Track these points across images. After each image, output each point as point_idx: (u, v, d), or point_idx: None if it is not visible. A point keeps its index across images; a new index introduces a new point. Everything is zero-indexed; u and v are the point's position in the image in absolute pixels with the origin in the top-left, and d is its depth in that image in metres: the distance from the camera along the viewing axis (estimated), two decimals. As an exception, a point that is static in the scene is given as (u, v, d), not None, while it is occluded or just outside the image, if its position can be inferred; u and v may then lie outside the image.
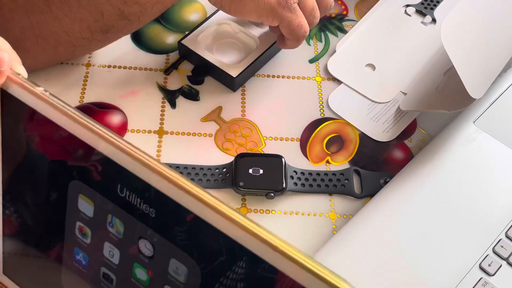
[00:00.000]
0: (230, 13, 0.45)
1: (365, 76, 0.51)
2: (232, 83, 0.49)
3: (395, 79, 0.51)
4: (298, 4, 0.45)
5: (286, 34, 0.46)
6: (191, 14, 0.54)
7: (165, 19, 0.54)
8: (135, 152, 0.25)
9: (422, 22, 0.55)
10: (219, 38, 0.51)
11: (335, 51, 0.52)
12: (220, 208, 0.23)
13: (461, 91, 0.40)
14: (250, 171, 0.43)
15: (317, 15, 0.46)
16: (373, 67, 0.52)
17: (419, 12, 0.56)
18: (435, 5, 0.56)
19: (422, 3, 0.56)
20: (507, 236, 0.39)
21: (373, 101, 0.49)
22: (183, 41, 0.50)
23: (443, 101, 0.46)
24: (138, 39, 0.52)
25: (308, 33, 0.46)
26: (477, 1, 0.43)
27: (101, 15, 0.43)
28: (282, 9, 0.43)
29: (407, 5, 0.56)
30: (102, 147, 0.26)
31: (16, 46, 0.43)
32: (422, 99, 0.48)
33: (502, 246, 0.39)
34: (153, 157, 0.25)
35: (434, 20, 0.55)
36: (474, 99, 0.41)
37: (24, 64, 0.45)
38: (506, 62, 0.46)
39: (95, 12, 0.43)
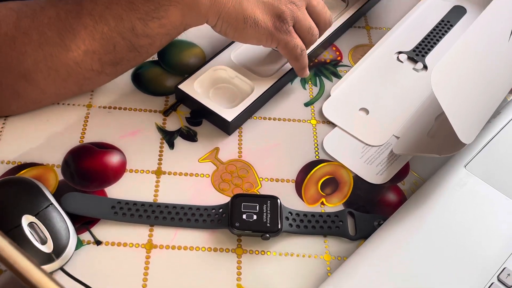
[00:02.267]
0: (234, 39, 0.49)
1: (359, 119, 0.52)
2: (227, 127, 0.50)
3: (388, 123, 0.52)
4: (294, 26, 0.49)
5: (284, 54, 0.50)
6: (190, 58, 0.56)
7: (165, 62, 0.55)
8: None
9: (414, 69, 0.57)
10: (215, 83, 0.53)
11: (330, 95, 0.54)
12: None
13: (452, 136, 0.41)
14: (246, 212, 0.44)
15: (316, 32, 0.50)
16: (366, 111, 0.53)
17: (411, 59, 0.58)
18: (426, 53, 0.58)
19: (413, 50, 0.58)
20: (499, 280, 0.40)
21: (366, 144, 0.51)
22: (180, 86, 0.51)
23: (434, 145, 0.47)
24: (138, 81, 0.54)
25: (305, 51, 0.50)
26: (467, 49, 0.44)
27: (114, 47, 0.45)
28: (279, 33, 0.47)
29: (399, 52, 0.58)
30: None
31: (27, 78, 0.44)
32: (414, 143, 0.49)
33: (509, 274, 0.39)
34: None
35: (425, 67, 0.57)
36: (465, 144, 0.42)
37: (31, 97, 0.47)
38: (496, 108, 0.47)
39: (108, 45, 0.44)
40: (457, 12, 0.63)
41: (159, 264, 0.42)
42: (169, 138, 0.50)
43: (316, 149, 0.50)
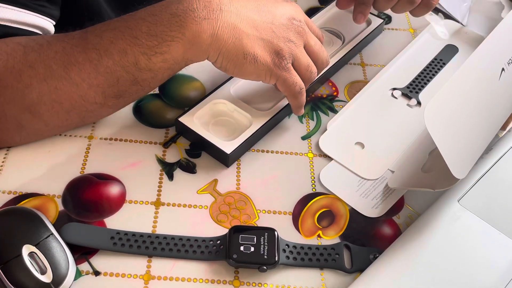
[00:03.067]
0: (234, 75, 0.50)
1: (355, 153, 0.54)
2: (226, 159, 0.51)
3: (383, 157, 0.53)
4: (293, 63, 0.50)
5: (283, 91, 0.51)
6: (191, 92, 0.58)
7: (165, 95, 0.57)
8: None
9: (408, 105, 0.58)
10: (214, 116, 0.54)
11: (326, 129, 0.55)
12: None
13: (445, 171, 0.42)
14: (244, 244, 0.44)
15: (314, 70, 0.51)
16: (362, 145, 0.54)
17: (405, 95, 0.59)
18: (419, 89, 0.60)
19: (407, 87, 0.60)
20: (493, 314, 0.40)
21: (362, 177, 0.52)
22: (180, 119, 0.52)
23: (428, 180, 0.48)
24: (139, 113, 0.55)
25: (304, 89, 0.51)
26: (459, 87, 0.46)
27: (117, 81, 0.46)
28: (278, 69, 0.48)
29: (394, 89, 0.60)
30: None
31: (31, 109, 0.45)
32: (408, 177, 0.50)
33: None
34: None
35: (419, 103, 0.59)
36: (458, 179, 0.43)
37: (34, 128, 0.48)
38: (488, 144, 0.49)
39: (111, 79, 0.46)
40: (449, 51, 0.65)
41: (157, 295, 0.43)
42: (168, 169, 0.51)
43: (313, 182, 0.51)
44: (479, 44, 0.47)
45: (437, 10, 0.69)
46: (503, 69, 0.49)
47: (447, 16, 0.69)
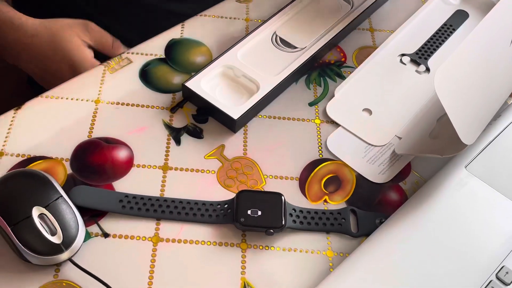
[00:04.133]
0: None
1: (362, 120, 0.53)
2: (233, 125, 0.51)
3: (390, 124, 0.53)
4: None
5: None
6: (197, 56, 0.57)
7: (172, 60, 0.56)
8: None
9: (417, 71, 0.58)
10: (221, 81, 0.54)
11: (333, 95, 0.55)
12: None
13: (453, 137, 0.42)
14: (251, 208, 0.45)
15: None
16: (369, 111, 0.54)
17: (414, 61, 0.59)
18: (429, 55, 0.59)
19: (416, 53, 0.59)
20: (498, 278, 0.41)
21: (369, 144, 0.52)
22: (186, 83, 0.52)
23: (436, 146, 0.48)
24: (146, 78, 0.55)
25: None
26: (469, 52, 0.45)
27: None
28: None
29: (403, 55, 0.59)
30: None
31: None
32: (416, 143, 0.50)
33: (507, 272, 0.40)
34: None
35: (428, 69, 0.58)
36: (466, 145, 0.43)
37: None
38: (496, 111, 0.48)
39: None
40: (459, 17, 0.64)
41: (165, 257, 0.43)
42: (175, 134, 0.51)
43: (320, 148, 0.51)
44: (490, 9, 0.47)
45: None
46: (514, 35, 0.49)
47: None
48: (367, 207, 0.48)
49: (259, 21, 0.61)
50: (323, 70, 0.58)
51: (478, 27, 0.45)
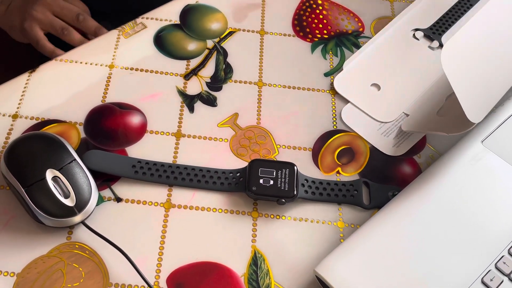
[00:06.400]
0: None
1: (370, 95, 0.52)
2: None
3: (399, 100, 0.52)
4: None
5: None
6: (213, 23, 0.56)
7: (187, 26, 0.56)
8: None
9: (430, 47, 0.56)
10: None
11: (342, 69, 0.54)
12: None
13: (460, 115, 0.42)
14: (263, 177, 0.44)
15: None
16: (378, 86, 0.53)
17: (427, 36, 0.57)
18: (443, 31, 0.58)
19: (431, 28, 0.58)
20: (509, 253, 0.41)
21: (375, 119, 0.51)
22: None
23: (443, 124, 0.48)
24: (161, 44, 0.54)
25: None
26: (480, 28, 0.44)
27: None
28: None
29: (416, 29, 0.58)
30: None
31: None
32: (423, 121, 0.50)
33: (504, 263, 0.40)
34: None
35: (441, 45, 0.56)
36: (473, 124, 0.42)
37: None
38: (509, 88, 0.47)
39: None
40: (478, -9, 0.62)
41: (176, 223, 0.43)
42: (189, 101, 0.51)
43: (334, 119, 0.51)
44: (513, -18, 0.45)
45: None
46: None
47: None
48: (380, 179, 0.47)
49: (276, -12, 0.60)
50: (339, 39, 0.57)
51: (489, 3, 0.44)
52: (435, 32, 0.57)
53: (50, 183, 0.41)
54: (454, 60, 0.41)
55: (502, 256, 0.40)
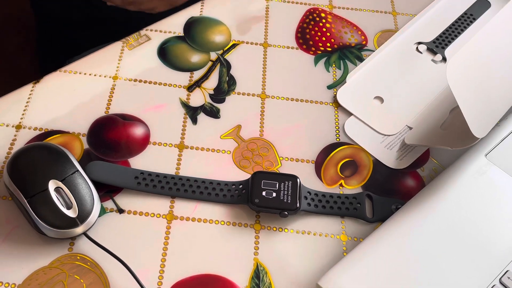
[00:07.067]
0: None
1: (373, 108, 0.53)
2: None
3: (402, 113, 0.52)
4: None
5: None
6: (216, 35, 0.56)
7: (191, 38, 0.56)
8: None
9: (433, 60, 0.57)
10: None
11: (345, 82, 0.54)
12: None
13: (464, 130, 0.41)
14: (266, 189, 0.44)
15: None
16: (381, 99, 0.53)
17: (430, 50, 0.57)
18: (446, 45, 0.58)
19: (434, 42, 0.58)
20: (514, 268, 0.40)
21: (378, 132, 0.51)
22: None
23: (447, 138, 0.47)
24: (164, 56, 0.54)
25: None
26: (485, 43, 0.44)
27: None
28: None
29: (419, 43, 0.58)
30: None
31: None
32: (426, 134, 0.50)
33: (509, 278, 0.40)
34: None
35: (444, 59, 0.57)
36: (477, 138, 0.42)
37: None
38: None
39: None
40: (481, 6, 0.62)
41: (179, 234, 0.43)
42: (192, 113, 0.51)
43: (337, 131, 0.51)
44: (514, -2, 0.45)
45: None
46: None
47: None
48: (383, 192, 0.47)
49: (279, 1, 0.60)
50: (343, 52, 0.57)
51: (496, 16, 0.44)
52: (438, 45, 0.58)
53: (53, 194, 0.41)
54: (460, 74, 0.41)
55: (507, 271, 0.40)
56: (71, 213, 0.41)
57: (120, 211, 0.44)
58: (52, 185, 0.41)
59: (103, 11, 0.66)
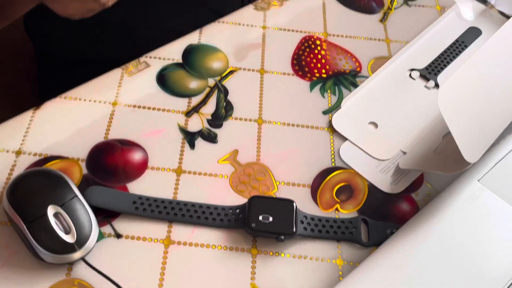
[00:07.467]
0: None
1: (368, 133, 0.53)
2: None
3: (396, 138, 0.53)
4: None
5: None
6: (214, 62, 0.58)
7: (189, 65, 0.57)
8: None
9: (426, 86, 0.58)
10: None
11: (340, 107, 0.55)
12: None
13: (457, 155, 0.42)
14: (262, 213, 0.45)
15: None
16: (375, 125, 0.54)
17: (423, 76, 0.59)
18: (439, 71, 0.59)
19: (426, 68, 0.59)
20: (508, 292, 0.41)
21: (373, 157, 0.51)
22: None
23: (440, 162, 0.48)
24: (163, 82, 0.55)
25: None
26: (476, 70, 0.45)
27: None
28: None
29: (412, 69, 0.59)
30: None
31: None
32: (420, 159, 0.50)
33: None
34: None
35: (437, 85, 0.58)
36: (470, 163, 0.43)
37: None
38: (504, 128, 0.48)
39: None
40: (472, 33, 0.64)
41: (176, 259, 0.44)
42: (190, 138, 0.51)
43: (333, 156, 0.52)
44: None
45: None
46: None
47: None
48: (378, 217, 0.48)
49: (276, 29, 0.62)
50: (337, 79, 0.58)
51: (486, 44, 0.45)
52: (431, 72, 0.59)
53: (51, 219, 0.41)
54: (451, 100, 0.42)
55: (501, 295, 0.40)
56: (70, 238, 0.41)
57: (118, 236, 0.44)
58: (51, 210, 0.42)
59: (102, 37, 0.67)
